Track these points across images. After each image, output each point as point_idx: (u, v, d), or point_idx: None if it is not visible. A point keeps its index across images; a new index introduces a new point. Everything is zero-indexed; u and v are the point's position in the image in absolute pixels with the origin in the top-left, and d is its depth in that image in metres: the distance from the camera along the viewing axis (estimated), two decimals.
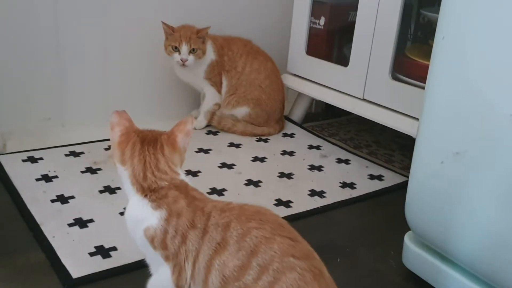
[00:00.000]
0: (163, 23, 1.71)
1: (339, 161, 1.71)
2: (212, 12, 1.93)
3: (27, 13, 1.58)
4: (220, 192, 1.43)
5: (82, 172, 1.49)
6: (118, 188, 1.41)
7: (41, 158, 1.54)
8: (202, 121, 1.87)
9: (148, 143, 0.89)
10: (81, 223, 1.23)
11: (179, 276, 0.85)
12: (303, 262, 0.76)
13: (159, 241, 0.85)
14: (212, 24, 1.88)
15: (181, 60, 1.70)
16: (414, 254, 1.11)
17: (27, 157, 1.54)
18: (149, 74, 1.88)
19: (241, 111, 1.84)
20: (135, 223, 0.88)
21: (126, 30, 1.77)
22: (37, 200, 1.32)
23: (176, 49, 1.71)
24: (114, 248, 1.15)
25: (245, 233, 0.78)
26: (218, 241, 0.79)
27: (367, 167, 1.69)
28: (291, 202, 1.42)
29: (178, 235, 0.83)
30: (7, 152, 1.57)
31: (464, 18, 0.89)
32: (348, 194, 1.50)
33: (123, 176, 0.90)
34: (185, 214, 0.84)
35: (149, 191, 0.87)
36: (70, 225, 1.22)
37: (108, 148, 1.65)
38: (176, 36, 1.70)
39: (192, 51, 1.71)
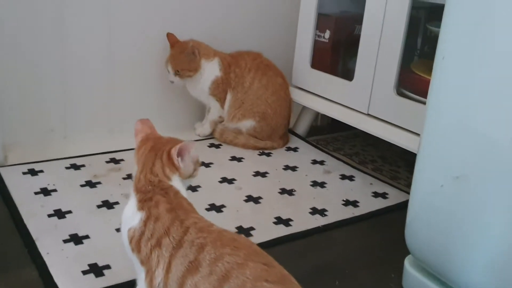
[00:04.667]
0: (168, 35, 1.76)
1: (343, 177, 1.68)
2: (217, 25, 1.91)
3: (32, 24, 1.58)
4: (219, 209, 1.41)
5: (82, 185, 1.48)
6: (116, 203, 1.39)
7: (41, 171, 1.53)
8: (207, 129, 1.89)
9: (155, 149, 0.94)
10: (76, 239, 1.22)
11: (151, 281, 0.85)
12: (277, 286, 0.74)
13: (134, 242, 0.88)
14: (217, 38, 1.89)
15: (170, 81, 1.77)
16: (414, 279, 1.07)
17: (28, 169, 1.53)
18: (153, 88, 1.87)
19: (246, 124, 1.82)
20: (124, 221, 0.91)
21: (131, 43, 1.77)
22: (34, 214, 1.31)
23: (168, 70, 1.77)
24: (107, 267, 1.13)
25: (217, 258, 0.78)
26: (191, 260, 0.80)
27: (371, 184, 1.66)
28: (291, 220, 1.39)
29: (152, 239, 0.85)
30: (8, 164, 1.56)
31: (464, 39, 0.87)
32: (350, 212, 1.47)
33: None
34: (162, 220, 0.86)
35: (139, 192, 0.91)
36: (65, 241, 1.21)
37: (110, 161, 1.64)
38: (168, 56, 1.75)
39: (176, 72, 1.75)
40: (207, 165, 1.67)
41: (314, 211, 1.45)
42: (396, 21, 1.52)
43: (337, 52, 1.89)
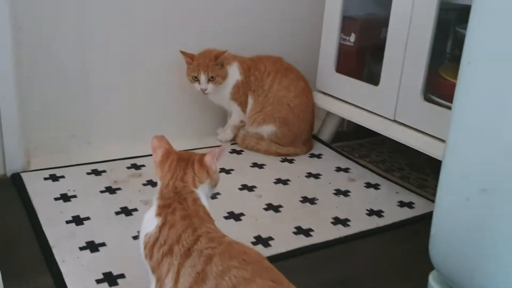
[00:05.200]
0: (182, 52, 1.72)
1: (368, 185, 1.63)
2: (241, 31, 1.89)
3: (54, 31, 1.59)
4: (237, 217, 1.38)
5: (101, 191, 1.47)
6: (135, 210, 1.38)
7: (62, 176, 1.54)
8: (229, 134, 1.88)
9: (183, 160, 0.96)
10: (92, 246, 1.21)
11: None
12: None
13: (148, 248, 0.87)
14: (241, 43, 1.87)
15: (201, 90, 1.72)
16: None
17: (49, 175, 1.54)
18: (175, 92, 1.86)
19: (267, 129, 1.79)
20: (143, 226, 0.91)
21: (151, 48, 1.76)
22: (53, 221, 1.31)
23: (196, 79, 1.72)
24: (122, 276, 1.11)
25: (224, 271, 0.76)
26: (198, 271, 0.78)
27: (397, 192, 1.60)
28: (311, 230, 1.35)
29: (165, 245, 0.84)
30: (30, 170, 1.57)
31: (491, 43, 0.81)
32: (374, 223, 1.41)
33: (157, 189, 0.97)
34: (176, 226, 0.85)
35: (162, 198, 0.92)
36: (81, 248, 1.20)
37: (131, 167, 1.64)
38: (195, 65, 1.71)
39: (210, 79, 1.70)
40: (227, 171, 1.64)
41: (336, 221, 1.41)
42: (423, 23, 1.46)
43: (363, 56, 1.84)
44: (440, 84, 1.53)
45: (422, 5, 1.46)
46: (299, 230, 1.34)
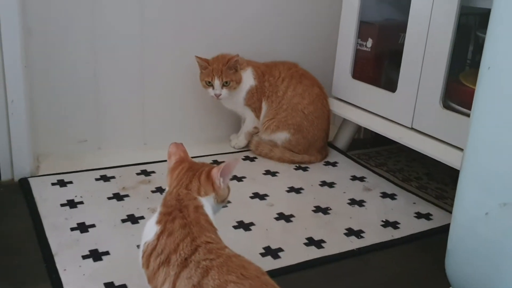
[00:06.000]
0: (197, 57, 1.69)
1: (384, 195, 1.57)
2: (257, 37, 1.87)
3: (65, 35, 1.58)
4: (247, 227, 1.34)
5: (109, 198, 1.44)
6: (142, 218, 1.35)
7: (70, 182, 1.51)
8: (242, 140, 1.84)
9: (192, 170, 0.94)
10: (95, 255, 1.18)
11: None
12: None
13: (145, 256, 0.85)
14: (256, 49, 1.84)
15: (215, 95, 1.69)
16: None
17: (57, 180, 1.52)
18: (187, 98, 1.83)
19: (281, 136, 1.75)
20: (144, 235, 0.89)
21: (164, 53, 1.74)
22: (57, 227, 1.28)
23: (210, 84, 1.69)
24: (124, 286, 1.08)
25: (221, 285, 0.73)
26: (194, 283, 0.75)
27: (414, 203, 1.53)
28: (323, 241, 1.29)
29: (162, 254, 0.82)
30: (39, 175, 1.55)
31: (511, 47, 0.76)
32: (389, 235, 1.35)
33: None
34: (174, 235, 0.82)
35: (164, 206, 0.89)
36: (84, 257, 1.17)
37: (140, 173, 1.61)
38: (209, 71, 1.68)
39: (225, 84, 1.67)
40: (239, 179, 1.60)
41: (350, 232, 1.35)
42: (443, 28, 1.40)
43: (380, 61, 1.78)
44: (460, 91, 1.47)
45: (442, 9, 1.41)
46: (311, 241, 1.29)
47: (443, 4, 1.40)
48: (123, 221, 1.33)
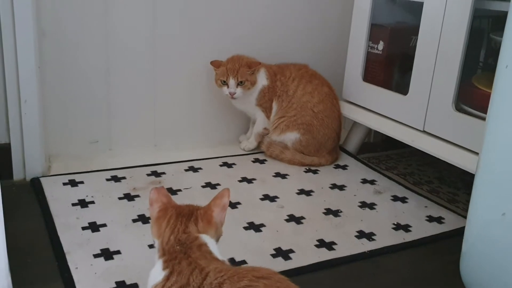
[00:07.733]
0: (211, 63, 1.72)
1: (395, 198, 1.56)
2: (268, 40, 1.87)
3: (78, 36, 1.59)
4: (257, 228, 1.33)
5: (120, 198, 1.45)
6: None
7: (81, 182, 1.52)
8: (252, 142, 1.85)
9: (183, 216, 0.89)
10: (107, 254, 1.18)
11: None
12: None
13: None
14: (268, 52, 1.85)
15: (229, 93, 1.70)
16: None
17: (69, 180, 1.52)
18: (197, 99, 1.83)
19: (291, 136, 1.75)
20: (150, 279, 0.85)
21: (175, 55, 1.74)
22: (69, 226, 1.28)
23: (225, 83, 1.70)
24: (135, 285, 1.08)
25: None
26: None
27: (426, 207, 1.52)
28: (334, 244, 1.29)
29: None
30: (50, 174, 1.56)
31: None
32: (401, 237, 1.34)
33: (156, 248, 0.90)
34: (184, 272, 0.80)
35: (166, 254, 0.85)
36: (95, 255, 1.17)
37: (151, 174, 1.61)
38: (224, 70, 1.69)
39: (240, 83, 1.69)
40: (249, 181, 1.60)
41: (361, 234, 1.34)
42: (456, 31, 1.40)
43: (391, 64, 1.78)
44: (473, 94, 1.46)
45: (454, 12, 1.40)
46: (322, 243, 1.29)
47: (456, 7, 1.39)
48: (134, 221, 1.33)
